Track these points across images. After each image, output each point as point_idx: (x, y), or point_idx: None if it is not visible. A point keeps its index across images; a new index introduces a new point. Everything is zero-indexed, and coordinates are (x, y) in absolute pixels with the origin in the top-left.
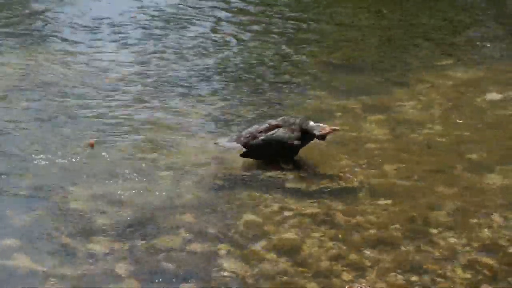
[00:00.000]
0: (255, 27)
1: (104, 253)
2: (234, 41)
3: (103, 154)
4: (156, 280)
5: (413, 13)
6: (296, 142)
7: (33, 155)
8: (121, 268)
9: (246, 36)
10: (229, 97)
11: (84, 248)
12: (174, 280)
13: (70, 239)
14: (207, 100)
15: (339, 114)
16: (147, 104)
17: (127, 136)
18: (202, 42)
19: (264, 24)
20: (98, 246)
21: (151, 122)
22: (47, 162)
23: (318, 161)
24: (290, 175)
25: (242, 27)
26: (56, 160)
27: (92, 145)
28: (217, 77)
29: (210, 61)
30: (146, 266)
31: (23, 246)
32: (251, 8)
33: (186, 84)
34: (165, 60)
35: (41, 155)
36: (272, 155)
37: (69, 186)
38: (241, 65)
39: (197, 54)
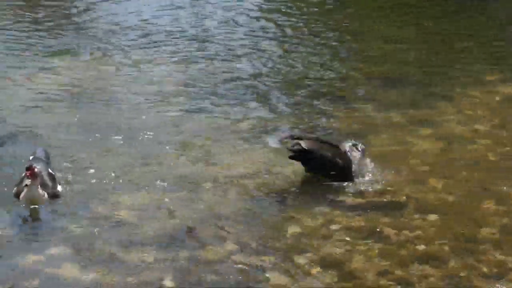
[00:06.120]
0: (301, 39)
1: (150, 263)
2: (279, 52)
3: (148, 164)
4: None
5: (459, 27)
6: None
7: (79, 164)
8: (166, 279)
9: (291, 48)
10: (274, 108)
11: (130, 257)
12: None
13: (116, 248)
14: (253, 110)
15: (384, 128)
16: (192, 113)
17: (171, 145)
18: (248, 52)
19: (308, 37)
20: (144, 256)
21: (197, 131)
22: (93, 172)
23: (363, 175)
24: (336, 189)
25: (287, 39)
26: (102, 170)
27: None
28: (263, 88)
29: (255, 72)
30: (191, 277)
31: (71, 255)
32: (295, 20)
33: (231, 94)
34: (210, 69)
35: (88, 165)
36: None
37: (116, 196)
38: (286, 77)
39: (243, 64)
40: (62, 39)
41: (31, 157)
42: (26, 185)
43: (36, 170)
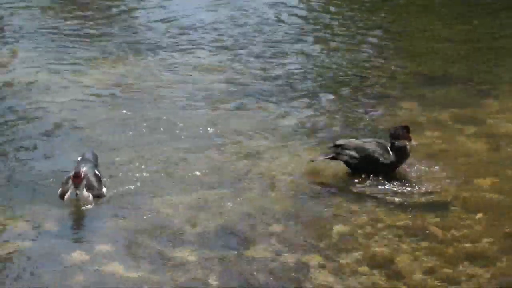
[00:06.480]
0: (346, 37)
1: (197, 262)
2: (322, 50)
3: (194, 163)
4: None
5: (506, 25)
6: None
7: (126, 163)
8: (213, 277)
9: (336, 46)
10: (319, 106)
11: (176, 255)
12: None
13: (162, 246)
14: (297, 108)
15: (429, 126)
16: (237, 111)
17: (215, 143)
18: (291, 50)
19: (352, 34)
20: (191, 254)
21: (241, 129)
22: (138, 170)
23: (410, 174)
24: (381, 188)
25: (331, 36)
26: (147, 168)
27: None
28: (307, 86)
29: (298, 70)
30: (237, 276)
31: (117, 253)
32: (340, 17)
33: (274, 92)
34: (253, 67)
35: (133, 163)
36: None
37: (162, 194)
38: (330, 75)
39: (286, 62)
40: (105, 36)
41: (79, 158)
42: (76, 194)
43: (82, 175)
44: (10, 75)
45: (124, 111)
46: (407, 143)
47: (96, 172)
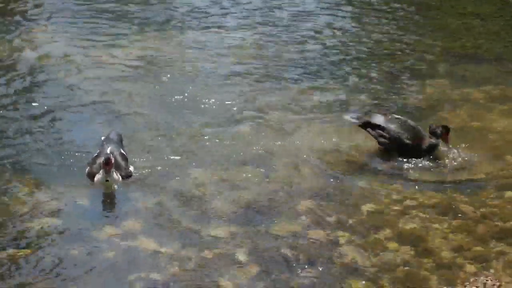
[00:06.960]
0: (375, 13)
1: (225, 238)
2: (355, 27)
3: (222, 139)
4: (276, 266)
5: None
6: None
7: (154, 139)
8: (242, 253)
9: (365, 22)
10: (349, 82)
11: (205, 232)
12: (294, 266)
13: (191, 223)
14: (325, 85)
15: (461, 103)
16: (265, 87)
17: (243, 120)
18: (324, 27)
19: (384, 11)
20: (219, 230)
21: (269, 105)
22: (166, 147)
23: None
24: (411, 166)
25: (362, 12)
26: (175, 145)
27: None
28: (337, 62)
29: (330, 46)
30: (266, 252)
31: (147, 229)
32: None
33: (306, 69)
34: (281, 44)
35: (161, 139)
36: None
37: (190, 171)
38: (360, 51)
39: (319, 39)
40: (135, 13)
41: (102, 138)
42: (107, 181)
43: (112, 161)
44: (42, 50)
45: (153, 87)
46: (441, 144)
47: (122, 151)
